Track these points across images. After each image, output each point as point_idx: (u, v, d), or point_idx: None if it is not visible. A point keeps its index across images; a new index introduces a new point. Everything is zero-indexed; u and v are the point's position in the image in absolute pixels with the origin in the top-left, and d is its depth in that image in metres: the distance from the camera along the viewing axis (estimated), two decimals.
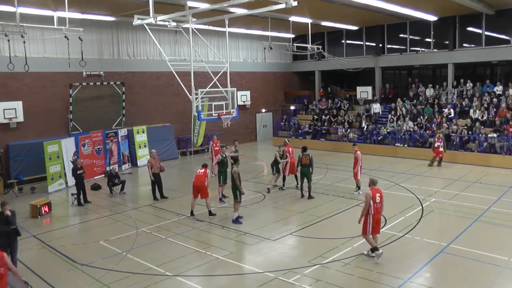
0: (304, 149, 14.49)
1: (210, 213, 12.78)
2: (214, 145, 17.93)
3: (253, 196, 15.05)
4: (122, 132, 21.17)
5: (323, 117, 26.60)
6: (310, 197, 14.32)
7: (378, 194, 9.27)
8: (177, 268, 9.28)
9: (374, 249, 9.33)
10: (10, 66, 14.07)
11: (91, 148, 18.75)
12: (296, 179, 15.80)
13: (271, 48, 22.80)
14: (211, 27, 22.24)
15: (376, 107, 25.29)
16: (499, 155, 18.89)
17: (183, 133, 24.52)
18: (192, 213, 12.83)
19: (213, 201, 14.16)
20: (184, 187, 16.10)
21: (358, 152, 14.90)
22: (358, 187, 14.95)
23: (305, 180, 14.43)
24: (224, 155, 14.49)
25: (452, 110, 22.47)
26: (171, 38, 23.25)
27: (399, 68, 29.94)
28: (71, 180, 16.27)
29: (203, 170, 12.76)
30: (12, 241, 8.91)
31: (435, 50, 25.29)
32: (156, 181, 15.02)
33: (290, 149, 16.02)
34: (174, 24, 15.92)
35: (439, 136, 19.28)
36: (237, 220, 12.18)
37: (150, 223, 12.44)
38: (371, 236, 9.36)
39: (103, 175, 18.49)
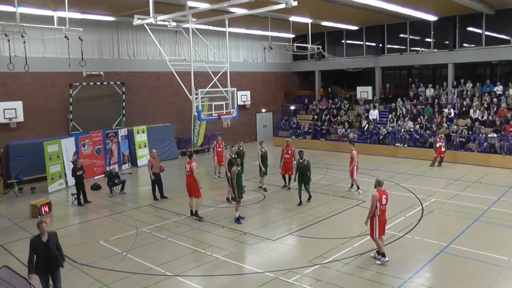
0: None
1: (194, 214, 12.59)
2: (218, 145, 17.88)
3: (253, 196, 15.04)
4: (122, 132, 21.16)
5: (323, 117, 26.60)
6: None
7: (384, 196, 9.08)
8: (177, 268, 9.28)
9: (382, 254, 9.19)
10: (10, 66, 14.09)
11: (91, 148, 18.75)
12: (284, 180, 15.86)
13: (271, 48, 22.80)
14: (211, 27, 22.24)
15: (374, 113, 24.93)
16: (499, 155, 18.88)
17: (183, 133, 24.52)
18: (191, 213, 12.82)
19: (216, 201, 14.23)
20: (184, 187, 16.04)
21: (354, 151, 14.97)
22: (358, 187, 14.98)
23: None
24: (233, 156, 14.47)
25: (452, 110, 22.47)
26: (171, 38, 23.25)
27: (399, 68, 29.94)
28: (71, 180, 16.27)
29: (188, 166, 12.64)
30: (56, 270, 7.71)
31: (435, 50, 25.29)
32: (156, 181, 15.02)
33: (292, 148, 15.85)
34: (174, 24, 15.91)
35: (441, 136, 19.29)
36: (237, 220, 12.20)
37: (150, 223, 12.44)
38: (379, 238, 9.16)
39: (103, 175, 18.49)
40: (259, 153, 15.89)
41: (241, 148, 16.14)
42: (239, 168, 12.27)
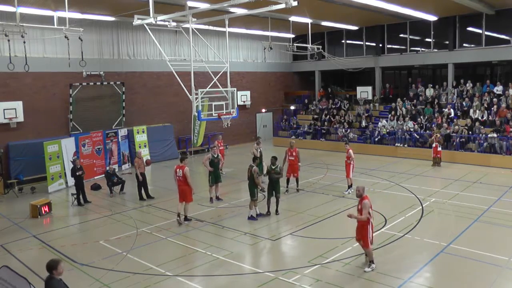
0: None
1: (186, 218, 12.33)
2: (219, 144, 17.77)
3: None
4: (122, 132, 21.15)
5: (323, 117, 26.61)
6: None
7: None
8: (177, 268, 9.29)
9: (371, 261, 9.05)
10: (10, 66, 14.10)
11: (91, 148, 18.74)
12: (287, 183, 15.32)
13: (271, 48, 22.79)
14: (211, 27, 22.24)
15: (393, 124, 23.36)
16: (499, 155, 18.88)
17: (183, 133, 24.52)
18: (179, 216, 12.33)
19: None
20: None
21: (350, 150, 14.98)
22: (349, 186, 14.95)
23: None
24: (215, 155, 14.54)
25: (452, 110, 22.47)
26: (171, 38, 23.26)
27: (399, 68, 29.94)
28: (71, 180, 16.26)
29: (181, 172, 12.01)
30: None
31: (435, 50, 25.29)
32: (143, 182, 15.09)
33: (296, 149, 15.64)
34: (174, 24, 15.93)
35: (437, 136, 19.32)
36: (252, 217, 12.26)
37: (150, 223, 12.44)
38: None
39: (103, 175, 18.49)
40: (254, 151, 15.90)
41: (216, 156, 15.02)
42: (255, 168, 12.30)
